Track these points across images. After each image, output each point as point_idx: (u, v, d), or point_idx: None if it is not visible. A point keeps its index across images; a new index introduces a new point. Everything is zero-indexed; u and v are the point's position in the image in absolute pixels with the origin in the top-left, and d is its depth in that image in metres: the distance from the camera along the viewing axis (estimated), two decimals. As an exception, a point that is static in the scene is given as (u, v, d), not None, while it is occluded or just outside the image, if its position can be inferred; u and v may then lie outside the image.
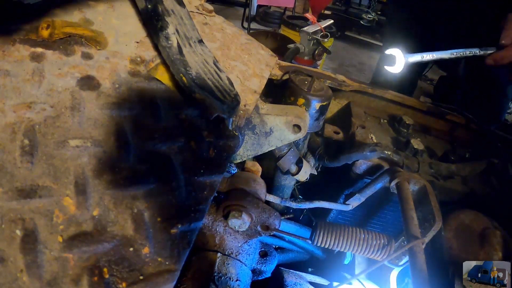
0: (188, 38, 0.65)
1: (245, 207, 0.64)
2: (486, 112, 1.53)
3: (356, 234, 0.70)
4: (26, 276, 0.38)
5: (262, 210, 0.66)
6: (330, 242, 0.69)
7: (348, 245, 0.69)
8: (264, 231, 0.67)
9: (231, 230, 0.67)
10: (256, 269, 0.72)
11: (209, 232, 0.68)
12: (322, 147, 1.00)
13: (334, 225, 0.71)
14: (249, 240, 0.68)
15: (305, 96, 0.83)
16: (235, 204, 0.64)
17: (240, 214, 0.62)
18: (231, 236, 0.67)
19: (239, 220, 0.62)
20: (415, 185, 0.79)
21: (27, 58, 0.52)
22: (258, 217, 0.66)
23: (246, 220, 0.63)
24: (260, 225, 0.67)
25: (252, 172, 0.77)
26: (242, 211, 0.63)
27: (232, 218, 0.62)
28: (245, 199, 0.64)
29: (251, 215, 0.64)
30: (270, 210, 0.67)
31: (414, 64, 1.69)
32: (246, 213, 0.63)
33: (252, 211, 0.65)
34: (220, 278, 0.62)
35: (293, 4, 4.64)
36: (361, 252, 0.70)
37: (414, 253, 0.65)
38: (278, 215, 0.69)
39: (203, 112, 0.59)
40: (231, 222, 0.63)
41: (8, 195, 0.41)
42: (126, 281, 0.42)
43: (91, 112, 0.51)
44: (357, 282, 0.89)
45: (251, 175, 0.74)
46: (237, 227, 0.63)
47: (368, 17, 5.62)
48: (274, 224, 0.67)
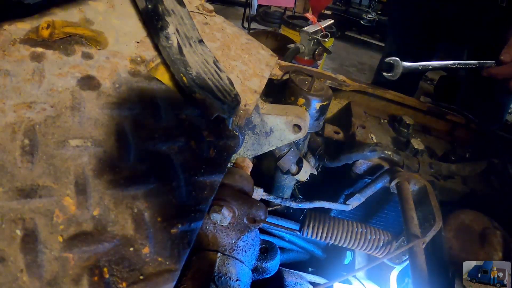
0: (189, 38, 0.65)
1: (225, 200, 0.63)
2: (488, 113, 1.52)
3: (352, 227, 0.67)
4: (26, 276, 0.38)
5: (243, 202, 0.66)
6: (322, 234, 0.66)
7: (341, 238, 0.66)
8: (251, 224, 0.66)
9: (221, 227, 0.66)
10: (258, 266, 0.72)
11: (200, 231, 0.68)
12: (322, 147, 1.00)
13: (325, 216, 0.68)
14: (242, 236, 0.67)
15: (305, 96, 0.83)
16: (216, 198, 0.63)
17: (220, 208, 0.62)
18: (222, 233, 0.66)
19: (219, 214, 0.61)
20: (415, 185, 0.79)
21: (27, 58, 0.52)
22: (240, 209, 0.66)
23: (226, 214, 0.62)
24: (247, 218, 0.66)
25: (241, 167, 0.77)
26: (222, 205, 0.62)
27: (212, 213, 0.62)
28: (225, 193, 0.64)
29: (232, 208, 0.64)
30: (252, 201, 0.66)
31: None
32: (227, 207, 0.63)
33: (232, 204, 0.64)
34: (220, 278, 0.62)
35: (293, 4, 4.64)
36: (358, 246, 0.68)
37: (414, 253, 0.65)
38: (262, 205, 0.68)
39: (203, 112, 0.59)
40: (213, 217, 0.62)
41: (8, 195, 0.41)
42: (126, 281, 0.42)
43: (91, 112, 0.51)
44: (357, 282, 0.89)
45: (237, 170, 0.74)
46: (219, 221, 0.63)
47: (368, 17, 5.62)
48: (259, 215, 0.66)
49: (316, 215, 0.67)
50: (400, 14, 1.72)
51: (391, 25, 1.88)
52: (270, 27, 4.93)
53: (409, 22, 1.63)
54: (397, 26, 1.76)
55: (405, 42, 1.66)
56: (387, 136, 1.03)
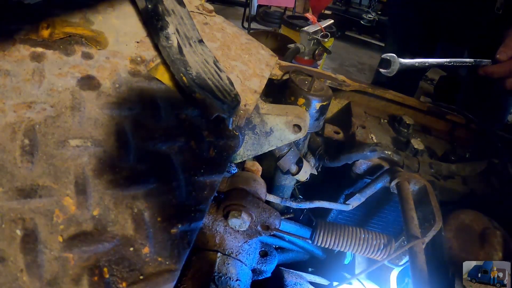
0: (189, 38, 0.65)
1: (245, 206, 0.64)
2: (488, 113, 1.52)
3: (356, 234, 0.70)
4: (26, 276, 0.38)
5: (262, 209, 0.66)
6: (330, 242, 0.69)
7: (348, 245, 0.69)
8: (264, 231, 0.67)
9: (231, 230, 0.67)
10: (256, 268, 0.72)
11: (209, 232, 0.68)
12: (322, 147, 1.00)
13: (334, 225, 0.71)
14: (249, 240, 0.68)
15: (305, 96, 0.83)
16: (235, 203, 0.64)
17: (239, 213, 0.62)
18: (231, 236, 0.67)
19: (239, 219, 0.62)
20: (415, 185, 0.79)
21: (27, 58, 0.52)
22: (258, 216, 0.66)
23: (246, 219, 0.63)
24: (260, 225, 0.67)
25: (252, 171, 0.77)
26: (242, 210, 0.63)
27: (232, 218, 0.62)
28: (245, 199, 0.64)
29: (251, 214, 0.64)
30: (270, 210, 0.67)
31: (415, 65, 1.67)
32: (246, 213, 0.63)
33: (252, 210, 0.65)
34: (220, 278, 0.62)
35: (293, 4, 4.64)
36: (362, 252, 0.70)
37: (414, 253, 0.65)
38: (278, 214, 0.69)
39: (203, 112, 0.59)
40: (231, 222, 0.63)
41: (8, 195, 0.41)
42: (126, 281, 0.42)
43: (91, 112, 0.51)
44: (357, 282, 0.89)
45: (251, 175, 0.74)
46: (237, 226, 0.63)
47: (368, 17, 5.62)
48: (274, 224, 0.67)
49: (327, 224, 0.70)
50: (400, 14, 1.72)
51: (391, 25, 1.88)
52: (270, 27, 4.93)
53: (409, 22, 1.63)
54: (397, 26, 1.76)
55: (405, 42, 1.66)
56: (387, 136, 1.03)
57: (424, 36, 1.58)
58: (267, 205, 0.68)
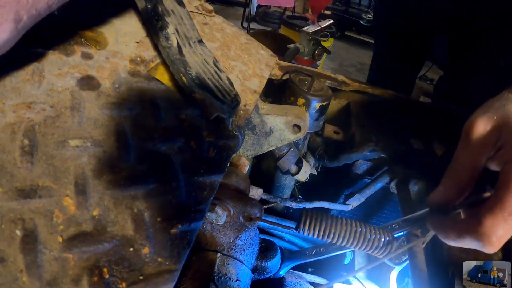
0: (188, 38, 0.65)
1: (219, 199, 0.63)
2: None
3: (351, 226, 0.65)
4: (26, 276, 0.38)
5: (238, 200, 0.66)
6: (319, 232, 0.63)
7: (339, 237, 0.64)
8: (247, 222, 0.66)
9: (218, 226, 0.66)
10: (258, 266, 0.72)
11: (199, 231, 0.68)
12: (322, 147, 1.00)
13: (323, 214, 0.66)
14: (240, 234, 0.67)
15: (305, 96, 0.83)
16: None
17: (213, 207, 0.62)
18: (220, 233, 0.66)
19: (213, 213, 0.61)
20: (415, 185, 0.79)
21: (27, 58, 0.52)
22: (235, 208, 0.65)
23: (220, 212, 0.62)
24: (242, 216, 0.66)
25: (237, 166, 0.77)
26: (216, 204, 0.62)
27: (207, 212, 0.62)
28: (219, 192, 0.63)
29: (226, 207, 0.64)
30: (246, 199, 0.66)
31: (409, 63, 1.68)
32: (220, 205, 0.62)
33: (226, 202, 0.64)
34: (220, 278, 0.61)
35: (293, 4, 4.65)
36: (357, 246, 0.66)
37: (414, 253, 0.65)
38: (257, 203, 0.68)
39: (203, 112, 0.59)
40: (208, 216, 0.62)
41: (8, 195, 0.41)
42: (126, 281, 0.42)
43: (91, 112, 0.51)
44: (357, 282, 0.89)
45: (232, 169, 0.74)
46: (214, 220, 0.63)
47: (368, 17, 5.62)
48: (254, 213, 0.66)
49: (313, 213, 0.65)
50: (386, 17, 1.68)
51: (377, 27, 1.83)
52: (270, 27, 4.93)
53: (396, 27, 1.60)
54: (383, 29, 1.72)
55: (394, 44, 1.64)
56: (387, 136, 1.03)
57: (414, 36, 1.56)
58: (243, 195, 0.67)
